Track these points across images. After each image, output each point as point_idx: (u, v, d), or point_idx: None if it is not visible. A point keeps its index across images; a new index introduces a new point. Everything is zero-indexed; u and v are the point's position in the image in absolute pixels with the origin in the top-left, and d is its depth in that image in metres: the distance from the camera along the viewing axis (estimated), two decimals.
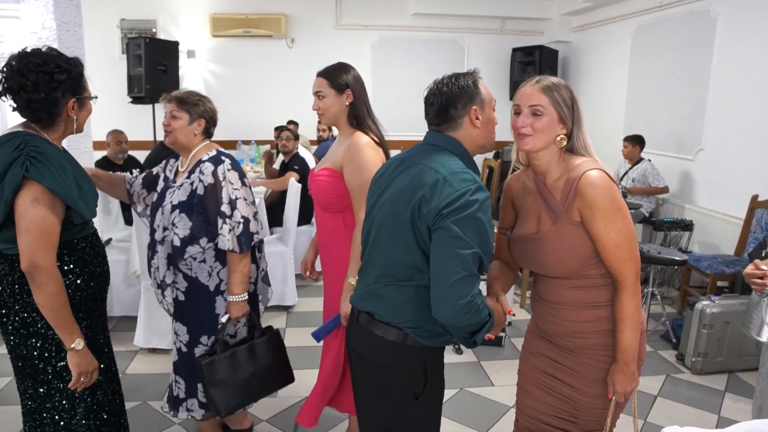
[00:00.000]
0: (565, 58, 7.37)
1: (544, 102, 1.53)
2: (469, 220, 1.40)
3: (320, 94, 2.16)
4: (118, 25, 6.87)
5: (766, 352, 1.94)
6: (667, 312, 4.07)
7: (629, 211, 1.55)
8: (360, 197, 2.01)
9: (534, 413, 1.78)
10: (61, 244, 1.77)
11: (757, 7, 4.39)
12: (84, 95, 1.81)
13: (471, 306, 1.40)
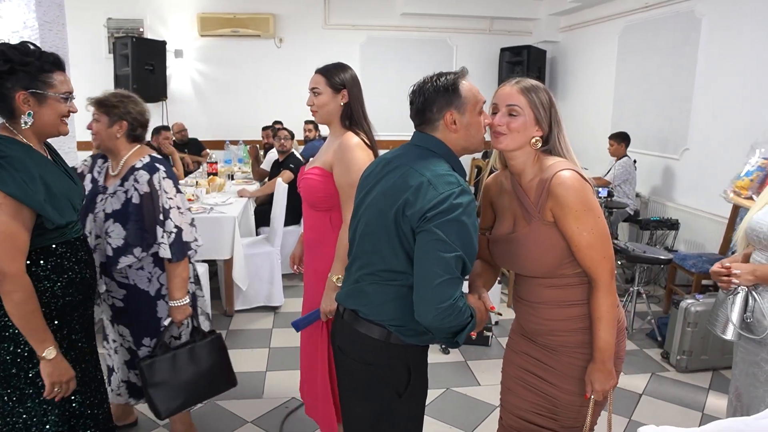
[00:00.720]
0: (553, 58, 7.40)
1: (522, 103, 1.56)
2: (453, 224, 1.41)
3: (316, 91, 2.16)
4: (104, 24, 6.82)
5: (737, 352, 1.95)
6: (653, 310, 4.10)
7: (602, 210, 1.56)
8: (348, 197, 2.02)
9: (516, 410, 1.80)
10: (37, 249, 1.73)
11: (740, 8, 4.42)
12: (44, 91, 1.71)
13: (453, 308, 1.41)
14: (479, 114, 1.56)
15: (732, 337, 1.81)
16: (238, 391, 3.09)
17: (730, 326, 1.80)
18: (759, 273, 1.76)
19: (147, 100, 2.22)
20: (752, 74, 4.28)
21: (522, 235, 1.61)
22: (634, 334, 3.98)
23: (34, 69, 1.69)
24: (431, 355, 1.50)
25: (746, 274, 1.77)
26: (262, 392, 3.12)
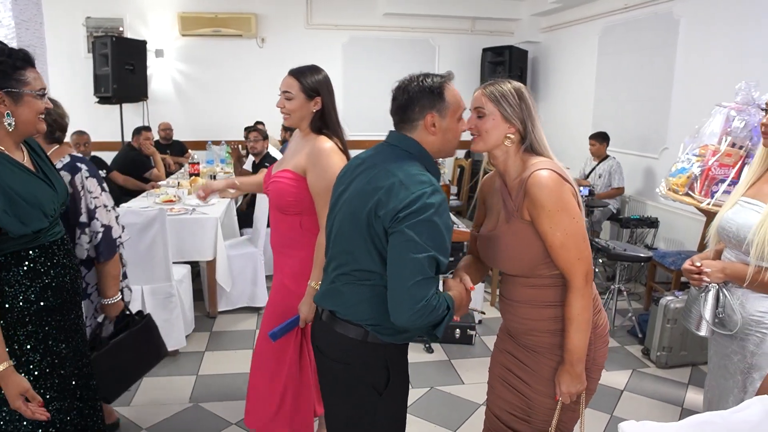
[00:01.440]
0: (535, 58, 7.46)
1: (486, 104, 1.59)
2: (425, 224, 1.41)
3: (288, 95, 2.11)
4: (83, 23, 6.72)
5: (710, 347, 1.99)
6: (634, 308, 4.16)
7: (578, 211, 1.56)
8: (325, 202, 1.96)
9: (494, 409, 1.83)
10: (8, 255, 1.69)
11: (717, 10, 4.50)
12: (18, 89, 1.66)
13: (427, 308, 1.42)
14: (458, 120, 1.58)
15: (705, 333, 1.84)
16: (222, 393, 3.08)
17: (704, 323, 1.83)
18: (728, 271, 1.78)
19: (127, 101, 2.20)
20: (729, 74, 4.35)
21: (501, 232, 1.63)
22: (615, 331, 4.03)
23: (6, 67, 1.65)
24: (415, 355, 1.51)
25: (716, 272, 1.79)
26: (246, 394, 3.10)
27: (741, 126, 2.37)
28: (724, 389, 1.89)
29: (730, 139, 2.37)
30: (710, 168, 2.37)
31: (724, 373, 1.90)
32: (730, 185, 2.31)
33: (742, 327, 1.78)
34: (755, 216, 1.72)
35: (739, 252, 1.80)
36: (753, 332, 1.77)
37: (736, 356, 1.84)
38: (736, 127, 2.37)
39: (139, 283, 3.27)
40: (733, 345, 1.85)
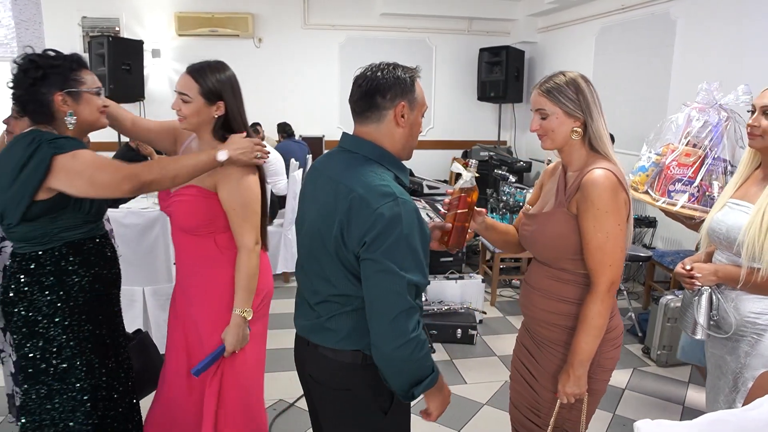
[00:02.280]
0: (531, 59, 7.48)
1: (546, 104, 1.61)
2: (395, 246, 1.32)
3: (185, 98, 1.83)
4: (79, 23, 6.67)
5: (707, 349, 2.01)
6: (633, 307, 4.18)
7: (625, 219, 1.56)
8: (243, 219, 1.83)
9: (515, 400, 1.87)
10: (66, 244, 1.79)
11: (714, 11, 4.53)
12: (77, 88, 1.77)
13: (411, 343, 1.34)
14: (422, 117, 1.51)
15: (701, 337, 1.85)
16: None
17: (699, 327, 1.83)
18: (721, 273, 1.78)
19: (124, 101, 2.19)
20: (726, 75, 4.38)
21: (545, 217, 1.68)
22: None
23: (64, 70, 1.75)
24: None
25: (709, 274, 1.79)
26: None
27: (699, 126, 2.40)
28: (717, 389, 1.92)
29: (689, 138, 2.41)
30: (669, 167, 2.40)
31: (718, 374, 1.92)
32: (686, 185, 2.35)
33: (736, 329, 1.79)
34: (744, 217, 1.74)
35: (730, 253, 1.82)
36: (748, 334, 1.78)
37: (730, 357, 1.85)
38: (696, 127, 2.40)
39: (140, 285, 3.26)
40: (727, 346, 1.86)
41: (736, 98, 2.34)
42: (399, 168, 1.47)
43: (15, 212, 1.69)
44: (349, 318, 1.45)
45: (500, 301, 4.69)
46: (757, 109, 1.77)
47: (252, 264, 1.85)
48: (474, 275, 4.35)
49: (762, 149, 1.79)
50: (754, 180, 1.82)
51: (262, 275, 1.95)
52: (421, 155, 7.66)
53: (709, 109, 2.42)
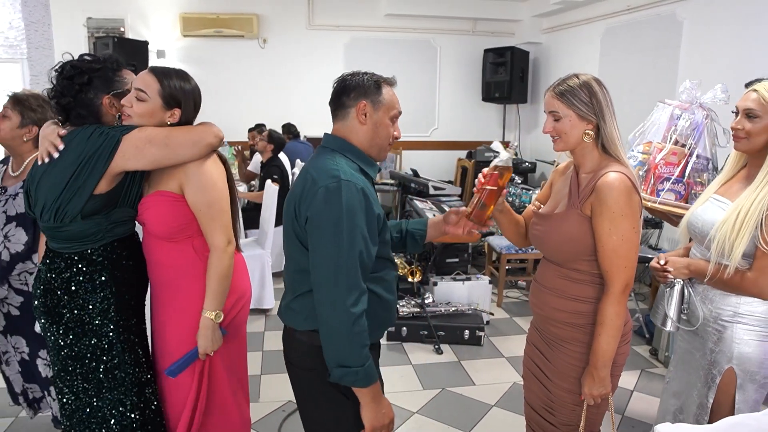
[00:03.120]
0: (536, 59, 7.48)
1: (560, 107, 1.63)
2: (335, 219, 1.42)
3: (141, 95, 1.74)
4: (84, 24, 6.69)
5: (676, 342, 2.07)
6: (640, 308, 4.18)
7: (639, 222, 1.58)
8: (210, 219, 1.80)
9: (529, 400, 1.89)
10: (117, 239, 1.83)
11: (720, 12, 4.53)
12: (123, 89, 1.80)
13: (346, 314, 1.41)
14: (391, 120, 1.60)
15: (670, 329, 1.90)
16: None
17: (668, 319, 1.88)
18: (693, 267, 1.85)
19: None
20: (732, 76, 4.38)
21: (558, 217, 1.69)
22: None
23: (107, 72, 1.78)
24: (424, 356, 1.51)
25: (681, 268, 1.86)
26: (258, 396, 3.11)
27: (686, 125, 2.43)
28: (688, 383, 1.96)
29: (675, 137, 2.43)
30: (657, 166, 2.42)
31: (687, 368, 1.97)
32: (674, 183, 2.37)
33: (703, 323, 1.84)
34: (721, 213, 1.78)
35: (702, 247, 1.85)
36: (711, 329, 1.83)
37: (698, 352, 1.90)
38: (682, 126, 2.43)
39: None
40: (695, 341, 1.92)
41: (714, 97, 2.38)
42: (365, 162, 1.59)
43: (73, 208, 1.69)
44: (308, 297, 1.52)
45: (507, 302, 4.69)
46: (740, 111, 1.79)
47: (223, 265, 1.81)
48: (481, 276, 4.35)
49: (748, 151, 1.81)
50: (738, 178, 1.86)
51: (236, 278, 1.92)
52: (425, 156, 7.73)
53: (693, 107, 2.45)
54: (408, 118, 7.44)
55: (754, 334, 1.77)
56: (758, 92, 1.74)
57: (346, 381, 1.47)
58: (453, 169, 7.65)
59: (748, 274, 1.71)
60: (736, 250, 1.69)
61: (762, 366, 1.77)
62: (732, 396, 1.81)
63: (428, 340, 3.77)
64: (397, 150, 7.53)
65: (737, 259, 1.70)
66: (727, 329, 1.80)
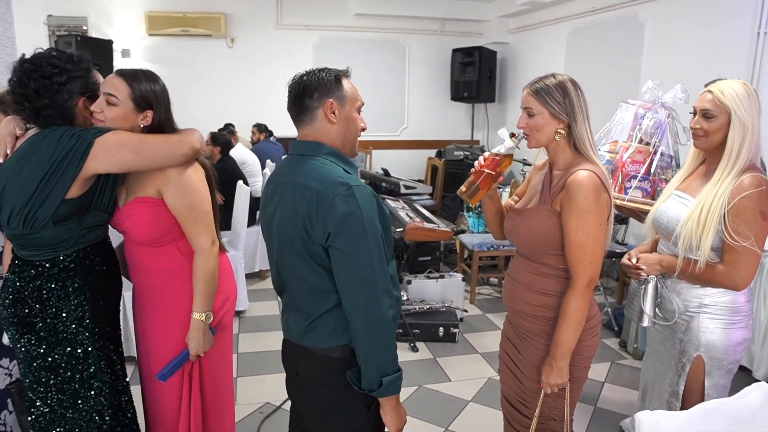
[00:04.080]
0: (503, 59, 7.58)
1: (534, 104, 1.67)
2: (359, 232, 1.39)
3: (112, 99, 1.70)
4: (44, 21, 6.50)
5: (648, 333, 2.16)
6: (609, 302, 4.28)
7: (606, 219, 1.63)
8: (193, 221, 1.79)
9: (505, 392, 1.93)
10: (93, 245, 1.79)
11: (681, 14, 4.68)
12: (96, 91, 1.72)
13: (384, 322, 1.41)
14: (357, 112, 1.55)
15: (647, 324, 1.98)
16: None
17: (645, 315, 1.96)
18: (665, 263, 1.91)
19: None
20: (693, 76, 4.52)
21: (529, 212, 1.74)
22: None
23: (82, 72, 1.69)
24: (399, 354, 1.50)
25: (654, 264, 1.92)
26: (235, 399, 3.08)
27: (650, 124, 2.53)
28: (660, 373, 2.04)
29: (640, 135, 2.52)
30: (624, 165, 2.50)
31: (659, 358, 2.05)
32: (641, 181, 2.47)
33: (678, 316, 1.92)
34: (684, 210, 1.85)
35: (669, 243, 1.92)
36: (680, 319, 1.92)
37: (668, 342, 1.98)
38: (647, 125, 2.53)
39: None
40: (665, 332, 2.00)
41: (675, 96, 2.48)
42: (344, 162, 1.53)
43: (43, 214, 1.62)
44: (330, 316, 1.49)
45: (479, 299, 4.75)
46: (698, 111, 1.86)
47: (209, 266, 1.81)
48: (454, 274, 4.39)
49: (706, 149, 1.90)
50: (698, 174, 1.94)
51: (222, 278, 1.92)
52: (395, 155, 7.76)
53: (657, 107, 2.54)
54: (378, 118, 7.50)
55: (719, 322, 1.85)
56: (713, 93, 1.81)
57: (390, 390, 1.44)
58: (423, 168, 7.71)
59: (720, 267, 1.78)
60: (704, 245, 1.76)
61: (727, 352, 1.86)
62: (701, 382, 1.89)
63: (403, 338, 3.79)
64: (367, 149, 7.54)
65: (706, 253, 1.77)
66: (694, 319, 1.88)
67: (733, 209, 1.72)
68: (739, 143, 1.75)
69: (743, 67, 4.09)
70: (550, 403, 1.78)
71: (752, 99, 1.76)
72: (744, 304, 1.86)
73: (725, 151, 1.78)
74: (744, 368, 3.19)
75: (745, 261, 1.74)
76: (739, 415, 1.33)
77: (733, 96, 1.77)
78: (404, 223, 4.12)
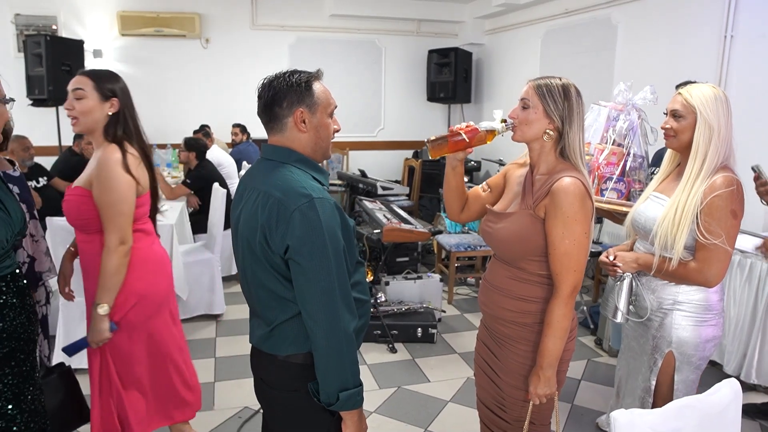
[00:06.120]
0: (479, 60, 7.64)
1: (532, 96, 1.65)
2: (319, 245, 1.36)
3: (80, 93, 1.90)
4: (12, 20, 6.36)
5: (624, 330, 2.21)
6: (584, 300, 4.34)
7: (590, 227, 1.63)
8: (109, 218, 1.90)
9: (481, 397, 1.92)
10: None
11: (652, 17, 4.78)
12: None
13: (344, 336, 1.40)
14: (329, 117, 1.51)
15: (620, 320, 2.03)
16: None
17: (618, 311, 2.01)
18: (641, 261, 1.97)
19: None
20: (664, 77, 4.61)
21: (510, 217, 1.70)
22: None
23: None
24: (378, 355, 1.50)
25: (630, 262, 1.98)
26: (213, 403, 3.05)
27: (624, 126, 2.58)
28: (634, 368, 2.10)
29: (613, 137, 2.57)
30: (599, 167, 2.55)
31: (633, 354, 2.11)
32: (616, 182, 2.52)
33: (651, 314, 1.97)
34: (661, 210, 1.91)
35: (646, 242, 1.97)
36: (654, 316, 1.97)
37: (642, 339, 2.04)
38: (620, 127, 2.58)
39: None
40: (639, 329, 2.06)
41: (644, 98, 2.53)
42: (314, 169, 1.50)
43: None
44: (291, 324, 1.46)
45: (457, 299, 4.78)
46: (668, 112, 1.92)
47: (110, 263, 1.91)
48: (432, 275, 4.41)
49: (677, 148, 1.96)
50: (674, 176, 1.99)
51: (139, 281, 2.02)
52: (372, 156, 7.76)
53: (629, 108, 2.59)
54: (354, 119, 7.50)
55: (690, 319, 1.90)
56: (682, 95, 1.88)
57: (348, 405, 1.42)
58: (400, 168, 7.73)
59: (692, 265, 1.83)
60: (678, 243, 1.81)
61: (697, 349, 1.91)
62: (671, 377, 1.94)
63: (382, 340, 3.80)
64: (344, 150, 7.53)
65: (680, 252, 1.81)
66: (667, 316, 1.93)
67: (705, 208, 1.77)
68: (705, 143, 1.80)
69: (711, 69, 4.20)
70: (516, 408, 1.78)
71: (720, 101, 1.81)
72: (716, 303, 1.91)
73: (692, 150, 1.84)
74: (715, 363, 3.26)
75: (716, 258, 1.79)
76: (711, 412, 1.36)
77: (700, 97, 1.83)
78: (382, 225, 4.12)
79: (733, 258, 3.21)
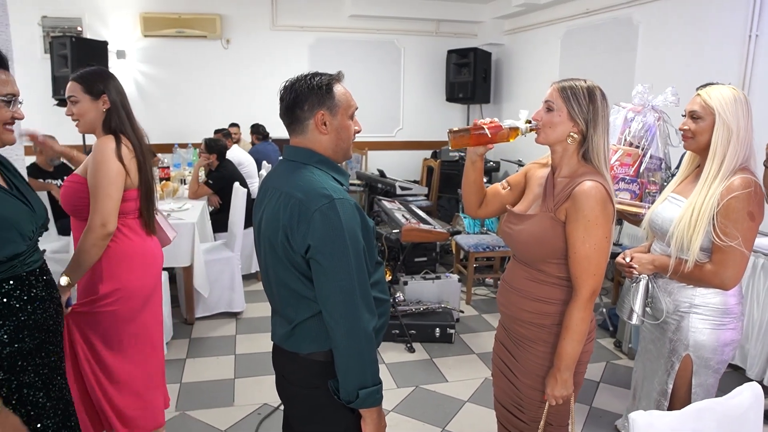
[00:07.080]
0: (498, 60, 7.62)
1: (557, 99, 1.64)
2: (340, 245, 1.38)
3: (72, 99, 2.08)
4: (39, 22, 6.49)
5: (641, 333, 2.20)
6: (604, 302, 4.31)
7: (611, 231, 1.62)
8: (96, 199, 2.02)
9: (499, 397, 1.93)
10: None
11: (674, 16, 4.72)
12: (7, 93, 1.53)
13: (364, 335, 1.41)
14: (350, 119, 1.53)
15: (636, 322, 2.02)
16: (208, 401, 3.06)
17: (634, 313, 2.00)
18: (657, 263, 1.96)
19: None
20: (686, 77, 4.57)
21: (531, 219, 1.70)
22: None
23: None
24: (397, 355, 1.52)
25: (646, 264, 1.97)
26: (233, 400, 3.09)
27: (639, 127, 2.56)
28: (650, 371, 2.09)
29: (628, 138, 2.56)
30: (612, 167, 2.53)
31: (650, 357, 2.10)
32: (629, 183, 2.50)
33: (667, 316, 1.96)
34: (678, 211, 1.89)
35: (663, 244, 1.96)
36: (671, 319, 1.96)
37: (659, 341, 2.03)
38: (636, 128, 2.57)
39: None
40: (656, 331, 2.05)
41: (665, 99, 2.50)
42: (335, 170, 1.52)
43: None
44: (312, 323, 1.49)
45: (475, 299, 4.78)
46: (687, 113, 1.91)
47: (87, 240, 2.01)
48: (450, 275, 4.42)
49: (696, 150, 1.95)
50: (693, 177, 1.98)
51: (126, 272, 2.12)
52: (390, 156, 7.78)
53: (646, 110, 2.57)
54: (373, 119, 7.51)
55: (708, 323, 1.88)
56: (701, 96, 1.87)
57: (368, 403, 1.44)
58: (419, 168, 7.73)
59: (708, 267, 1.82)
60: (694, 245, 1.80)
61: (715, 352, 1.89)
62: (688, 381, 1.93)
63: (400, 339, 3.81)
64: (363, 150, 7.56)
65: (696, 253, 1.80)
66: (684, 319, 1.92)
67: (722, 210, 1.76)
68: (723, 145, 1.79)
69: (735, 69, 4.14)
70: (534, 408, 1.79)
71: (739, 103, 1.80)
72: (734, 306, 1.89)
73: (710, 151, 1.83)
74: (738, 368, 3.22)
75: (732, 261, 1.78)
76: (731, 415, 1.36)
77: (718, 98, 1.81)
78: (401, 225, 4.14)
79: (756, 261, 3.17)
